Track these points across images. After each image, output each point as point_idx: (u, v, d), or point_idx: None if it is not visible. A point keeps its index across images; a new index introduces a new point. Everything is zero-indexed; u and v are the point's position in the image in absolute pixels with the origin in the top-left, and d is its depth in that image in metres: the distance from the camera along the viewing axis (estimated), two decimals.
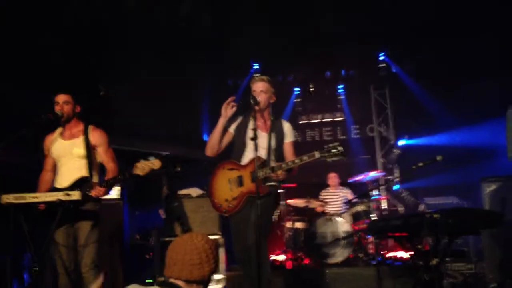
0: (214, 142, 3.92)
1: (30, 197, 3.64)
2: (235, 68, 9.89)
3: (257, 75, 4.18)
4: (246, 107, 3.98)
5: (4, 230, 3.50)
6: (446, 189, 7.74)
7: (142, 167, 3.65)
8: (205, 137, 9.78)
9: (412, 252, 5.41)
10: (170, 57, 8.31)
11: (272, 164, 3.83)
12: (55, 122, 4.13)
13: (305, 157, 3.63)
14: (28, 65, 6.44)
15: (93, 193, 3.77)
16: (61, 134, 4.15)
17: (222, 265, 5.63)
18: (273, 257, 7.19)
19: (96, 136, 4.12)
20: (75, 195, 3.61)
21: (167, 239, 5.66)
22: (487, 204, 5.35)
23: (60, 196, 3.59)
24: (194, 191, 6.12)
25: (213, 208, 3.98)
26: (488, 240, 5.32)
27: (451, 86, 8.51)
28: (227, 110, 3.85)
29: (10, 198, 3.60)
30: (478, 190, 5.52)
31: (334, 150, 3.57)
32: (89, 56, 7.32)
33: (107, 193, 3.89)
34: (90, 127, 4.15)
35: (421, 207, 7.34)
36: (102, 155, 4.12)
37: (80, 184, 3.83)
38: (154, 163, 3.66)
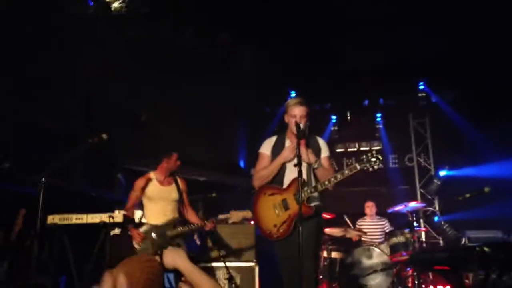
0: (268, 178, 3.90)
1: (75, 218, 3.72)
2: (272, 95, 9.93)
3: (293, 99, 4.07)
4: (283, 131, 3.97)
5: (45, 252, 3.56)
6: (488, 223, 7.45)
7: (237, 216, 4.72)
8: (241, 164, 9.81)
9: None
10: (208, 82, 8.44)
11: (313, 182, 3.78)
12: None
13: (346, 171, 3.57)
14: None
15: (208, 225, 4.81)
16: (158, 180, 5.01)
17: None
18: None
19: (183, 184, 5.15)
20: (118, 217, 3.68)
21: (202, 265, 5.61)
22: None
23: (104, 218, 3.65)
24: (235, 214, 6.07)
25: (263, 236, 3.88)
26: None
27: (494, 117, 8.29)
28: (292, 153, 3.78)
29: (55, 219, 3.69)
30: None
31: (373, 159, 3.50)
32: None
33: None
34: (177, 177, 5.16)
35: (463, 240, 7.09)
36: (185, 199, 5.15)
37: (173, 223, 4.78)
38: (247, 214, 4.70)
